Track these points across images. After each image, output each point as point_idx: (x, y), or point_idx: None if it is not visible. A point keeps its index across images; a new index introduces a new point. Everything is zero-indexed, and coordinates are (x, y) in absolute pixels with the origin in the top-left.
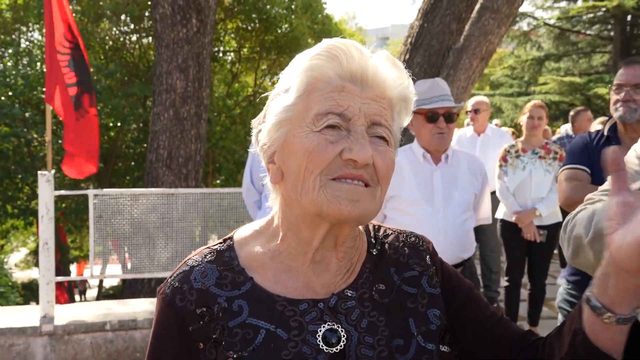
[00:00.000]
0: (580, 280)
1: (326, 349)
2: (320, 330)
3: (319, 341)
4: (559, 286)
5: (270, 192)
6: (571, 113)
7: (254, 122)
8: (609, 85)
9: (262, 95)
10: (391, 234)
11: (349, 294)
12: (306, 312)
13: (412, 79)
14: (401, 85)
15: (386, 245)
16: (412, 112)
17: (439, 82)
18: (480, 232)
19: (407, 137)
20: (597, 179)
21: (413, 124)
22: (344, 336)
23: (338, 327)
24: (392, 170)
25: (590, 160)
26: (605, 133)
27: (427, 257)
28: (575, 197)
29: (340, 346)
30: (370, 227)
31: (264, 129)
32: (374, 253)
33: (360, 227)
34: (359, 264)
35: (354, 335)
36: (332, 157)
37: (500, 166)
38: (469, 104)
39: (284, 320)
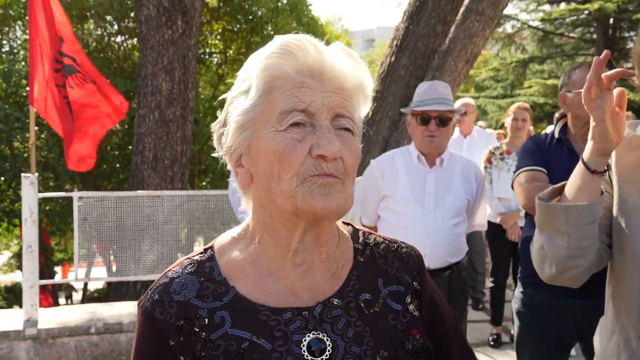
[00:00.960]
0: (537, 283)
1: (311, 359)
2: (305, 340)
3: (304, 351)
4: None
5: (242, 197)
6: (556, 115)
7: (214, 126)
8: (562, 92)
9: (220, 98)
10: (382, 242)
11: (335, 302)
12: (290, 321)
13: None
14: (358, 75)
15: (376, 254)
16: (410, 113)
17: (436, 85)
18: None
19: (395, 133)
20: (554, 180)
21: (410, 124)
22: (329, 346)
23: (323, 336)
24: (359, 161)
25: (545, 161)
26: (557, 135)
27: (415, 273)
28: None
29: (326, 356)
30: (360, 234)
31: (226, 132)
32: (362, 260)
33: (345, 231)
34: (346, 271)
35: (341, 345)
36: (302, 156)
37: (485, 168)
38: (455, 106)
39: (268, 330)
